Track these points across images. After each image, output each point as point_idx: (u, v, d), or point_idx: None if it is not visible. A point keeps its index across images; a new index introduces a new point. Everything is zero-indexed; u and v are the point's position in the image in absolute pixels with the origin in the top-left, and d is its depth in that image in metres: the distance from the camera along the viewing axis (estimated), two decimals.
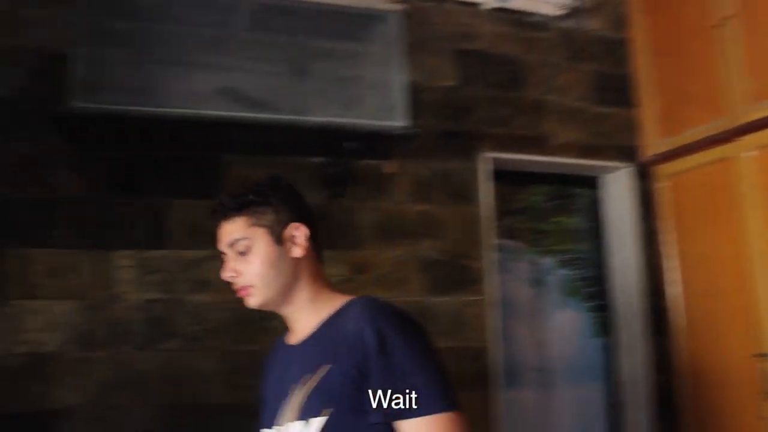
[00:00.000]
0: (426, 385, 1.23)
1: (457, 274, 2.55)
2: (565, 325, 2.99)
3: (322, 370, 1.28)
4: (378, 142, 2.38)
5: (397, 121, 2.28)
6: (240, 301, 1.37)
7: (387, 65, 2.32)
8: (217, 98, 2.22)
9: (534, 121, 2.82)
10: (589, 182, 3.08)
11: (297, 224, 1.40)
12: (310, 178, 2.41)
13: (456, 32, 2.76)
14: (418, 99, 2.47)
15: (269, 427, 1.39)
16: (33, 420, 2.08)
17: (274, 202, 1.39)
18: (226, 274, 1.38)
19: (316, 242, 1.44)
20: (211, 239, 2.19)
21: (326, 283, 1.44)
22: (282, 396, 1.36)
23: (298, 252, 1.39)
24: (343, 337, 1.28)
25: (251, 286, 1.37)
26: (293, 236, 1.39)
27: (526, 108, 2.81)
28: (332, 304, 1.38)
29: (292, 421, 1.31)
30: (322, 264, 1.45)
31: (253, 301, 1.38)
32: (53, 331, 2.12)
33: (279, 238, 1.38)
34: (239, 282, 1.38)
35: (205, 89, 2.22)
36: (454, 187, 2.61)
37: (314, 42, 2.34)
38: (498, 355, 2.57)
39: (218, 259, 2.17)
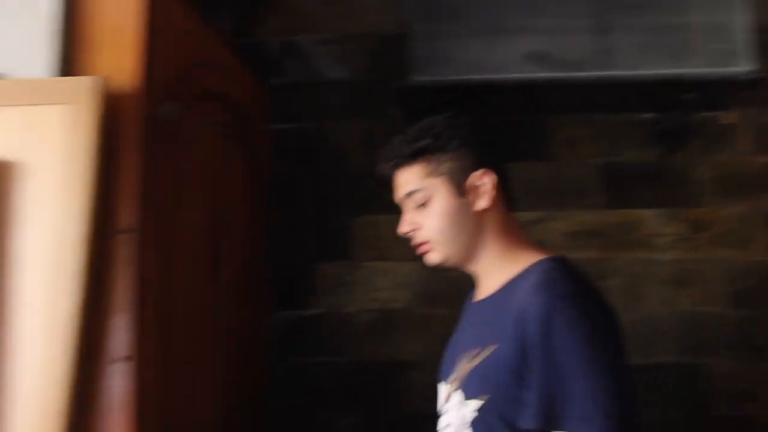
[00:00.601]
0: (593, 395, 1.02)
1: None
2: None
3: (488, 350, 1.14)
4: (716, 91, 2.23)
5: (740, 66, 2.12)
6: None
7: (725, 6, 2.16)
8: (538, 60, 2.24)
9: None
10: None
11: (482, 171, 1.22)
12: (640, 135, 2.32)
13: None
14: (760, 40, 2.26)
15: (443, 381, 1.29)
16: (385, 369, 2.28)
17: (454, 147, 1.22)
18: (404, 228, 1.26)
19: (506, 190, 1.26)
20: (545, 201, 2.26)
21: (519, 236, 1.26)
22: (455, 355, 1.25)
23: (483, 203, 1.22)
24: (512, 313, 1.12)
25: (430, 242, 1.24)
26: (477, 185, 1.22)
27: None
28: (519, 263, 1.20)
29: (455, 390, 1.20)
30: (513, 214, 1.28)
31: (433, 257, 1.25)
32: (401, 290, 2.30)
33: (461, 189, 1.22)
34: (417, 237, 1.25)
35: (527, 53, 2.25)
36: None
37: None
38: None
39: (551, 220, 2.26)
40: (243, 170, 2.08)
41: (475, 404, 1.13)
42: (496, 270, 1.23)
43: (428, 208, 1.22)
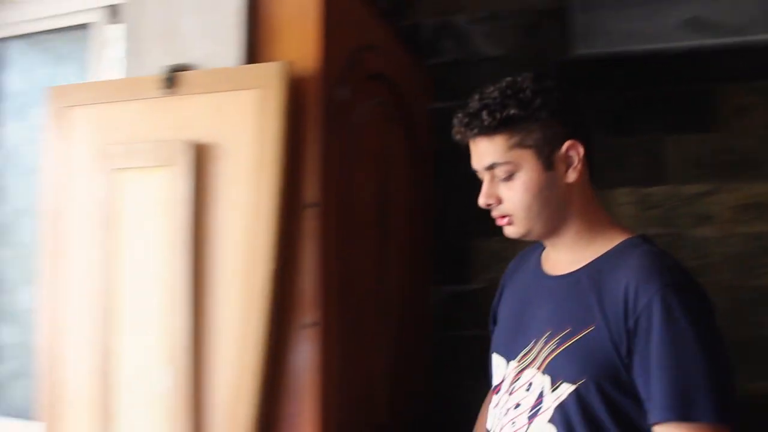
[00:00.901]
0: (703, 384, 1.00)
1: None
2: None
3: (582, 332, 1.09)
4: None
5: None
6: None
7: None
8: (701, 27, 2.15)
9: None
10: None
11: (571, 142, 1.15)
12: None
13: None
14: None
15: (506, 357, 1.24)
16: None
17: (544, 116, 1.13)
18: (483, 200, 1.19)
19: (590, 162, 1.19)
20: (713, 173, 2.18)
21: (602, 211, 1.21)
22: (520, 329, 1.21)
23: (573, 176, 1.16)
24: (614, 293, 1.07)
25: (512, 215, 1.18)
26: (568, 157, 1.15)
27: None
28: (606, 241, 1.16)
29: (533, 368, 1.15)
30: (594, 188, 1.21)
31: (513, 231, 1.19)
32: None
33: (549, 162, 1.15)
34: (498, 210, 1.19)
35: (690, 19, 2.17)
36: None
37: None
38: None
39: (720, 193, 2.18)
40: (407, 149, 2.15)
41: (566, 388, 1.10)
42: (579, 246, 1.19)
43: (513, 182, 1.16)
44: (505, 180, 1.16)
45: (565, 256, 1.21)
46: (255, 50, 1.63)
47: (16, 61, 2.34)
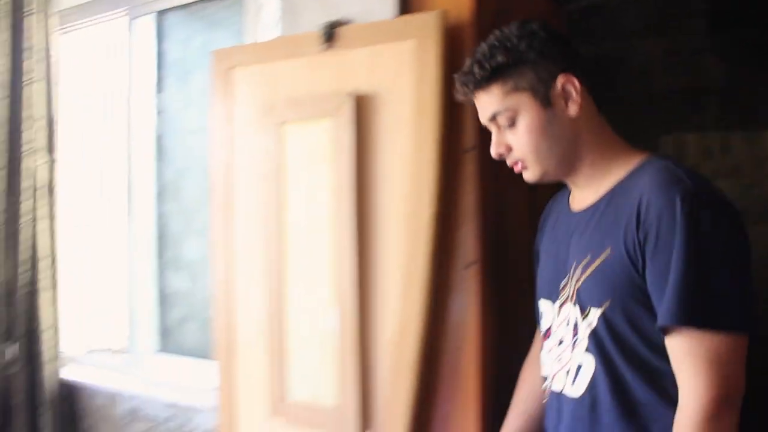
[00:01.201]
0: (718, 291, 0.99)
1: None
2: None
3: (603, 254, 1.09)
4: None
5: None
6: None
7: None
8: None
9: None
10: None
11: (566, 75, 1.16)
12: None
13: None
14: None
15: (551, 299, 1.25)
16: None
17: (531, 57, 1.16)
18: (494, 150, 1.23)
19: (593, 91, 1.18)
20: None
21: (614, 138, 1.20)
22: (558, 268, 1.22)
23: (574, 109, 1.16)
24: (628, 209, 1.06)
25: (524, 159, 1.20)
26: (565, 91, 1.16)
27: None
28: (623, 165, 1.14)
29: (567, 303, 1.17)
30: (603, 115, 1.19)
31: (530, 175, 1.21)
32: None
33: (547, 99, 1.16)
34: (511, 157, 1.22)
35: None
36: None
37: None
38: None
39: None
40: None
41: (595, 313, 1.12)
42: (598, 176, 1.19)
43: (517, 127, 1.19)
44: (510, 127, 1.19)
45: (586, 191, 1.22)
46: (408, 2, 1.67)
47: (174, 30, 2.50)
